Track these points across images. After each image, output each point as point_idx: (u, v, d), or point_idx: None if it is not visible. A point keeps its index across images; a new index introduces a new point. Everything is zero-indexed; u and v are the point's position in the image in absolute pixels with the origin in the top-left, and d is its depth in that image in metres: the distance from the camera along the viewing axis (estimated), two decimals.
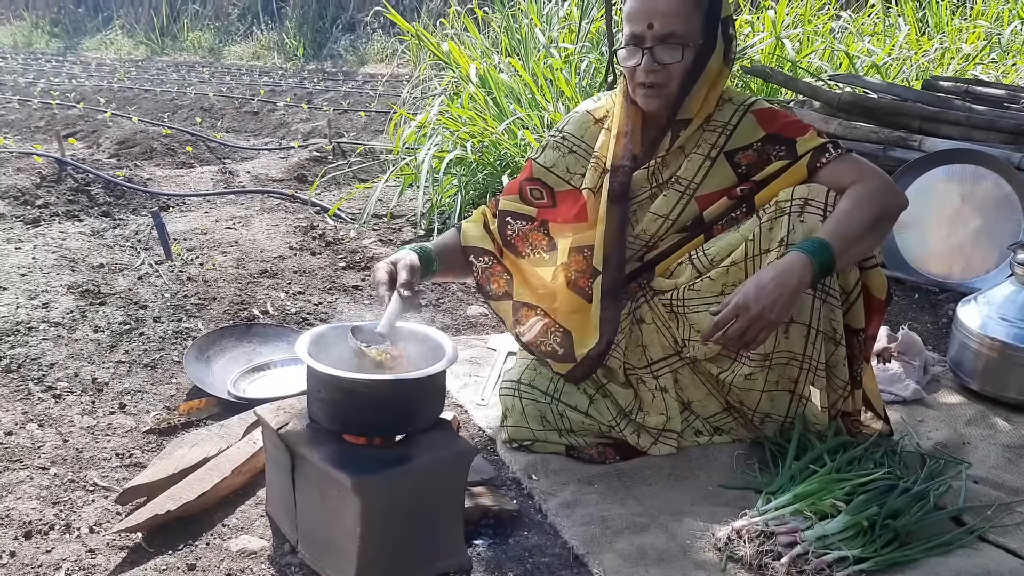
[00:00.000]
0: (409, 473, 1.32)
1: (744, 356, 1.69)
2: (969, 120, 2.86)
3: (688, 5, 1.65)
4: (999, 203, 2.64)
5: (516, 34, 4.42)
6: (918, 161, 2.77)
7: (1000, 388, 2.01)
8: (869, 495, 1.53)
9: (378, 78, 8.59)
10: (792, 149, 1.68)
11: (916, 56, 4.43)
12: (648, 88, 1.69)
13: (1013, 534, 1.53)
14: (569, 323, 1.76)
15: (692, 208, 1.74)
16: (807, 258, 1.52)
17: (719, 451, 1.77)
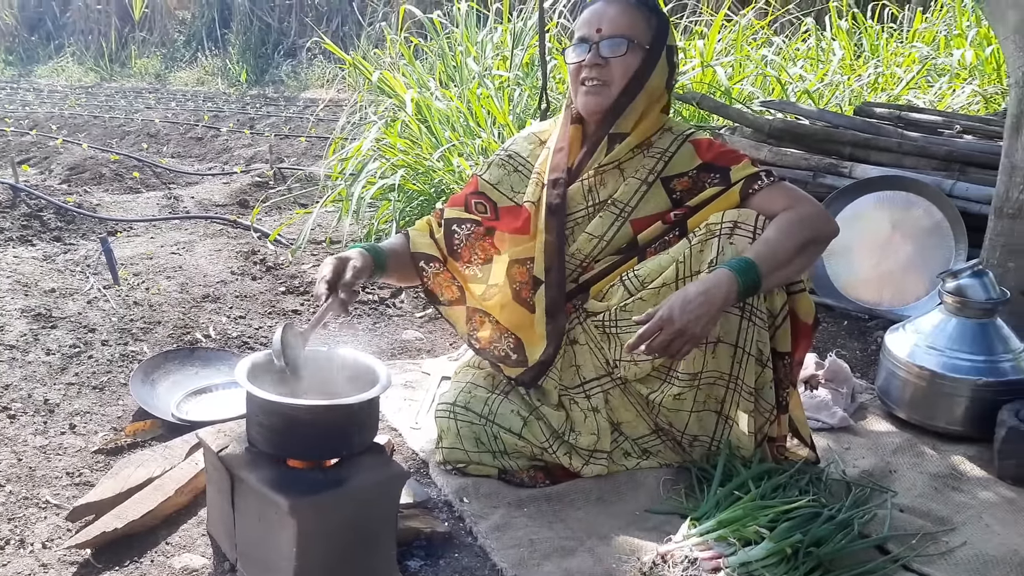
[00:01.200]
0: (344, 496, 1.43)
1: (673, 376, 1.80)
2: (901, 146, 3.03)
3: (638, 17, 1.82)
4: (930, 231, 2.81)
5: (451, 62, 4.64)
6: (849, 188, 2.92)
7: (928, 417, 2.12)
8: (793, 522, 1.60)
9: (319, 103, 9.09)
10: (726, 177, 1.81)
11: (849, 81, 4.67)
12: (590, 85, 1.83)
13: (937, 564, 1.61)
14: (517, 332, 1.89)
15: (627, 231, 1.86)
16: (733, 276, 1.63)
17: (646, 476, 1.86)
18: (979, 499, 1.84)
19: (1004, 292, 2.13)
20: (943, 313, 2.16)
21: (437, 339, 2.80)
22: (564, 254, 1.88)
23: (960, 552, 1.64)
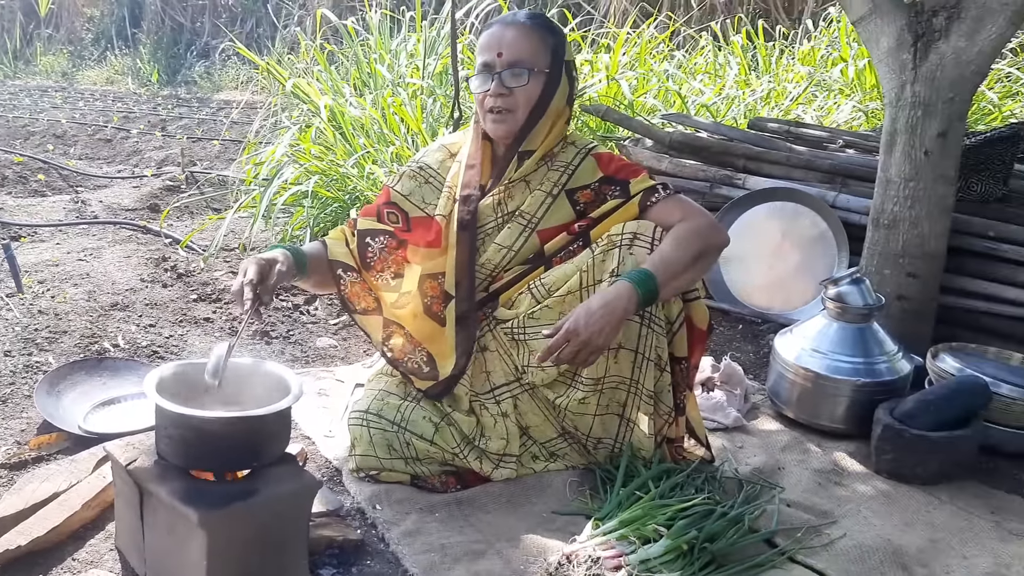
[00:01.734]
0: (254, 507, 1.41)
1: (578, 381, 1.85)
2: (790, 160, 3.15)
3: (535, 40, 1.85)
4: (816, 239, 2.92)
5: (366, 69, 4.60)
6: (742, 198, 3.02)
7: (813, 416, 2.22)
8: (689, 519, 1.66)
9: (233, 105, 8.80)
10: (626, 189, 1.88)
11: (744, 96, 4.82)
12: (496, 113, 1.86)
13: (820, 555, 1.69)
14: (428, 345, 1.90)
15: (534, 241, 1.90)
16: (633, 287, 1.69)
17: (553, 478, 1.89)
18: (858, 492, 1.93)
19: (880, 298, 2.24)
20: (825, 318, 2.25)
21: (351, 346, 2.78)
22: (474, 270, 1.91)
23: (840, 543, 1.72)
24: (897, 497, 1.91)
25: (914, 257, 2.48)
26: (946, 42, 2.32)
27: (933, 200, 2.43)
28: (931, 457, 1.94)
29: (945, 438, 1.94)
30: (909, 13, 2.39)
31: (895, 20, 2.41)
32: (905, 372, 2.18)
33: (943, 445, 1.94)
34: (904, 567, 1.66)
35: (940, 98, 2.36)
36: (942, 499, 1.91)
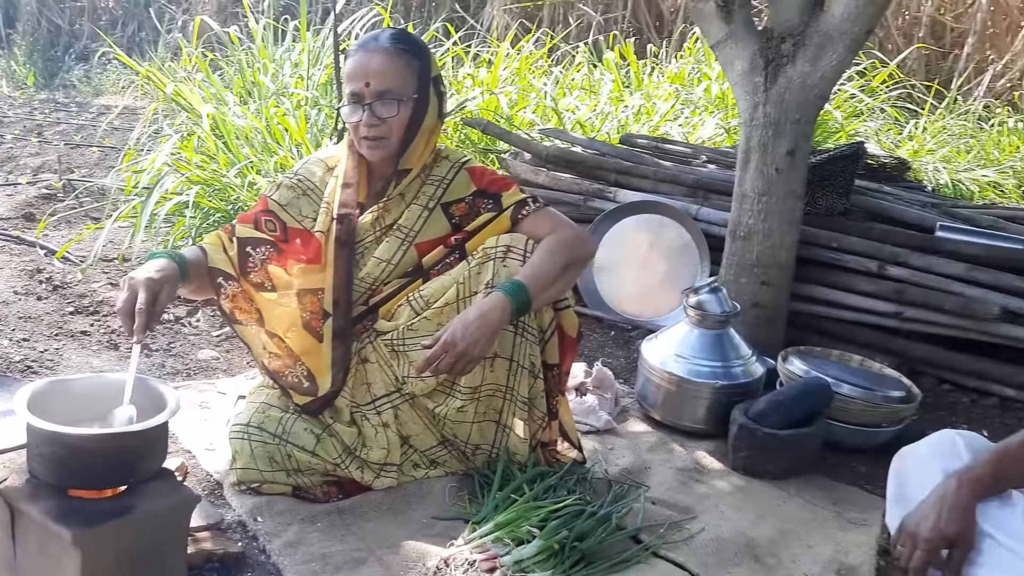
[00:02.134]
0: (130, 524, 1.38)
1: (456, 390, 1.86)
2: (657, 174, 3.25)
3: (400, 66, 1.85)
4: (680, 250, 3.03)
5: (249, 77, 4.49)
6: (613, 211, 3.10)
7: (677, 417, 2.30)
8: (561, 520, 1.70)
9: (114, 110, 8.27)
10: (498, 203, 1.91)
11: (616, 112, 4.95)
12: (371, 140, 1.87)
13: (681, 549, 1.75)
14: (306, 360, 1.87)
15: (412, 254, 1.91)
16: (507, 298, 1.73)
17: (433, 485, 1.90)
18: (717, 489, 2.02)
19: (735, 306, 2.34)
20: (687, 325, 2.34)
21: (234, 358, 2.71)
22: (352, 288, 1.91)
23: (700, 537, 1.80)
24: (751, 492, 2.01)
25: (767, 267, 2.61)
26: (793, 67, 2.45)
27: (783, 214, 2.57)
28: (781, 454, 2.05)
29: (792, 436, 2.05)
30: (761, 39, 2.52)
31: (749, 45, 2.53)
32: (759, 374, 2.29)
33: (791, 442, 2.05)
34: (756, 558, 1.75)
35: (788, 119, 2.49)
36: (791, 493, 2.01)
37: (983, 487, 1.53)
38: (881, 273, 2.68)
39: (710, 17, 2.57)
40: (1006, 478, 1.55)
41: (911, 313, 2.62)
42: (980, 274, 2.57)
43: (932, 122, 6.19)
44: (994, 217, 2.95)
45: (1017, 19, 7.59)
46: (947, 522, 1.48)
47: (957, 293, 2.56)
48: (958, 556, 1.48)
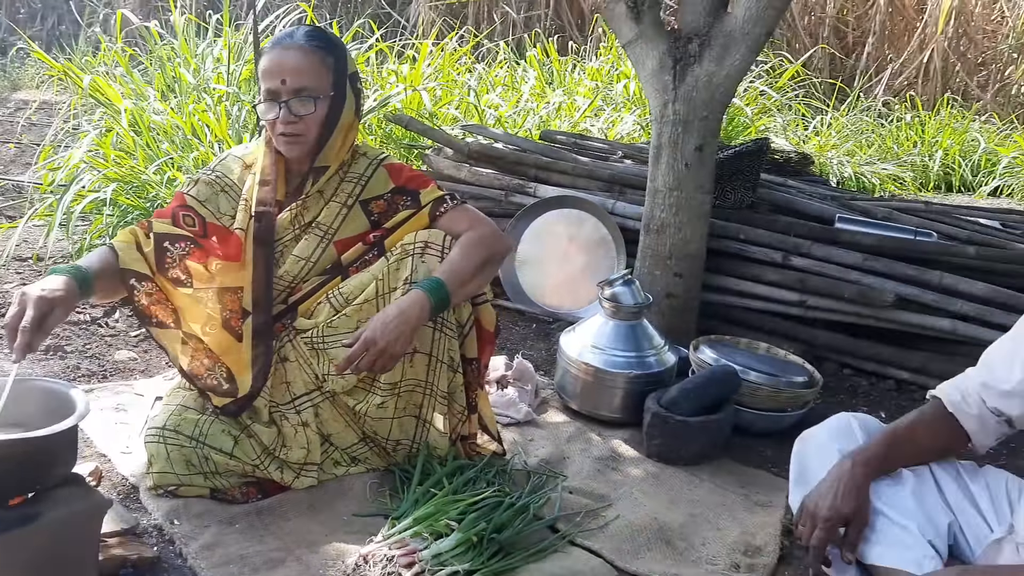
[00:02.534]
0: (35, 532, 1.34)
1: (376, 386, 1.84)
2: (575, 170, 3.26)
3: (316, 63, 1.82)
4: (598, 243, 3.05)
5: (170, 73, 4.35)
6: (533, 206, 3.10)
7: (594, 407, 2.31)
8: (479, 512, 1.69)
9: (32, 105, 7.86)
10: (416, 200, 1.90)
11: (538, 108, 4.95)
12: (288, 137, 1.83)
13: (596, 536, 1.76)
14: (226, 359, 1.81)
15: (331, 252, 1.88)
16: (426, 295, 1.72)
17: (354, 482, 1.87)
18: (631, 476, 2.03)
19: (648, 297, 2.36)
20: (603, 317, 2.35)
21: (152, 359, 2.61)
22: (272, 286, 1.86)
23: (614, 524, 1.81)
24: (664, 478, 2.03)
25: (679, 259, 2.64)
26: (700, 66, 2.48)
27: (693, 207, 2.60)
28: (692, 440, 2.08)
29: (702, 422, 2.08)
30: (669, 39, 2.54)
31: (658, 45, 2.54)
32: (671, 363, 2.31)
33: (701, 429, 2.08)
34: (667, 542, 1.76)
35: (696, 116, 2.52)
36: (702, 478, 2.04)
37: (875, 467, 1.58)
38: (785, 263, 2.74)
39: (621, 18, 2.58)
40: (896, 458, 1.60)
41: (814, 301, 2.68)
42: (875, 263, 2.65)
43: (836, 118, 6.38)
44: (889, 209, 3.04)
45: (913, 20, 7.87)
46: (843, 501, 1.52)
47: (855, 282, 2.63)
48: (853, 532, 1.53)
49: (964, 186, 5.81)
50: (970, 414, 1.63)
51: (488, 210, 3.22)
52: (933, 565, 1.48)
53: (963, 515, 1.59)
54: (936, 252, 2.69)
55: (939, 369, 2.50)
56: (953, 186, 5.82)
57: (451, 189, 3.29)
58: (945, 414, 1.65)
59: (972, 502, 1.60)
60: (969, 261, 2.67)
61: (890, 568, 1.49)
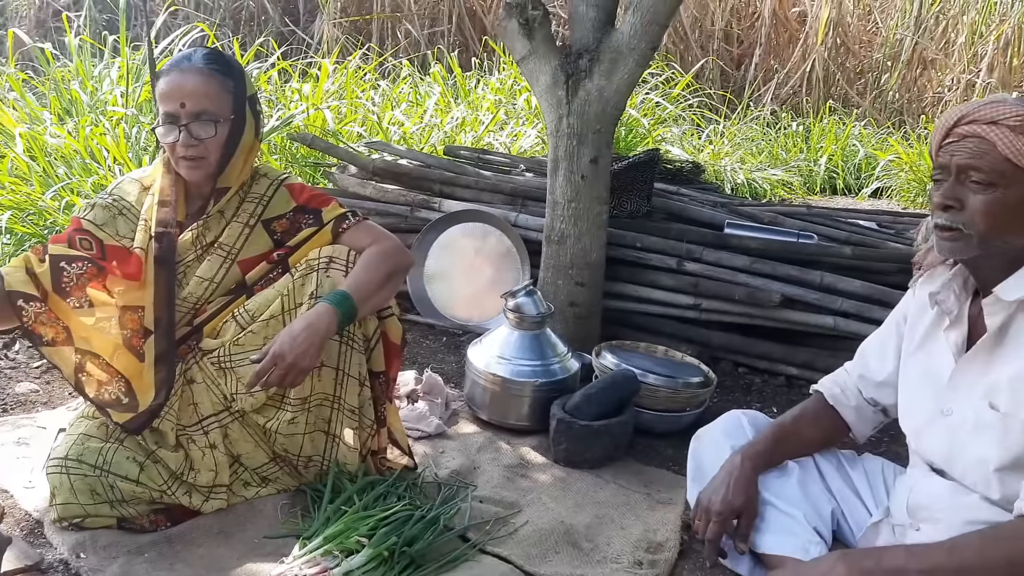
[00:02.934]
0: None
1: (286, 403, 1.83)
2: (478, 184, 3.29)
3: (215, 86, 1.81)
4: (503, 255, 3.08)
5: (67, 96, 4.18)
6: (439, 220, 3.11)
7: (503, 417, 2.33)
8: (390, 527, 1.69)
9: None
10: (319, 218, 1.90)
11: (442, 124, 4.97)
12: (189, 160, 1.81)
13: (506, 543, 1.78)
14: (129, 380, 1.77)
15: (235, 272, 1.87)
16: (332, 308, 1.72)
17: (265, 503, 1.84)
18: (539, 482, 2.06)
19: (550, 307, 2.40)
20: (508, 327, 2.38)
21: (55, 390, 2.51)
22: (174, 305, 1.83)
23: (523, 530, 1.83)
24: (571, 482, 2.06)
25: (580, 268, 2.70)
26: (590, 81, 2.54)
27: (591, 218, 2.66)
28: (596, 443, 2.12)
29: (605, 426, 2.12)
30: (561, 55, 2.59)
31: (550, 60, 2.60)
32: (575, 370, 2.36)
33: (604, 432, 2.13)
34: (574, 544, 1.80)
35: (590, 129, 2.58)
36: (607, 479, 2.09)
37: (763, 460, 1.65)
38: (680, 269, 2.83)
39: (514, 34, 2.62)
40: (782, 451, 1.69)
41: (707, 304, 2.77)
42: (762, 266, 2.76)
43: (728, 127, 6.61)
44: (774, 214, 3.18)
45: (795, 33, 8.24)
46: (733, 495, 1.59)
47: (744, 284, 2.73)
48: (744, 524, 1.60)
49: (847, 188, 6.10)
50: (849, 406, 1.73)
51: (394, 226, 3.22)
52: (818, 550, 1.56)
53: (845, 502, 1.68)
54: (817, 253, 2.83)
55: (824, 364, 2.62)
56: (838, 189, 6.10)
57: (357, 206, 3.29)
58: (826, 407, 1.75)
59: (852, 489, 1.70)
60: (847, 261, 2.81)
61: (779, 555, 1.57)
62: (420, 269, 3.11)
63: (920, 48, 7.85)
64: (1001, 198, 1.32)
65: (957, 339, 1.46)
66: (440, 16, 8.43)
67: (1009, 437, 1.34)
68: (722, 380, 2.71)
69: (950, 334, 1.47)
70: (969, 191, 1.34)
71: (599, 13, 2.55)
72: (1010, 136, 1.30)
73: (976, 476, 1.41)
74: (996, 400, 1.36)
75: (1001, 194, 1.32)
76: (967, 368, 1.43)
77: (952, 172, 1.36)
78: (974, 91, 7.51)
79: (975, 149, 1.32)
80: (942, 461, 1.48)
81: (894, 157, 6.09)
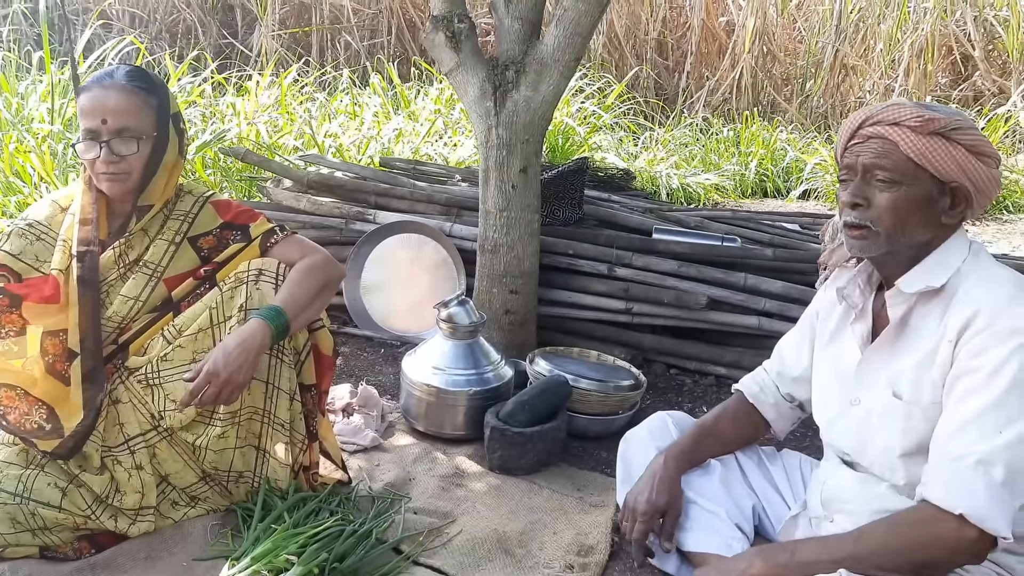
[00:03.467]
0: None
1: (216, 418, 1.78)
2: (413, 195, 3.27)
3: (138, 103, 1.77)
4: (439, 265, 3.06)
5: None
6: (374, 232, 3.08)
7: (439, 427, 2.30)
8: (320, 543, 1.66)
9: None
10: (247, 233, 1.87)
11: (379, 135, 4.92)
12: (110, 176, 1.76)
13: (439, 553, 1.76)
14: (56, 407, 1.70)
15: (161, 289, 1.82)
16: (266, 324, 1.70)
17: (194, 525, 1.79)
18: (474, 491, 2.05)
19: (483, 315, 2.38)
20: (442, 337, 2.36)
21: None
22: (100, 324, 1.77)
23: (457, 540, 1.81)
24: (505, 489, 2.05)
25: (514, 276, 2.69)
26: (517, 92, 2.54)
27: (523, 226, 2.66)
28: (529, 449, 2.11)
29: (538, 432, 2.12)
30: (488, 67, 2.59)
31: (478, 72, 2.59)
32: (509, 378, 2.35)
33: (537, 438, 2.12)
34: (507, 551, 1.79)
35: (518, 139, 2.58)
36: (540, 485, 2.08)
37: (686, 459, 1.67)
38: (611, 274, 2.84)
39: (441, 47, 2.61)
40: (704, 449, 1.70)
41: (638, 308, 2.79)
42: (689, 269, 2.79)
43: (663, 134, 6.69)
44: (700, 218, 3.22)
45: (724, 42, 8.39)
46: (658, 494, 1.60)
47: (672, 287, 2.76)
48: (669, 522, 1.61)
49: (778, 191, 6.21)
50: (768, 403, 1.75)
51: (330, 239, 3.18)
52: (741, 546, 1.57)
53: (765, 497, 1.70)
54: (741, 256, 2.87)
55: (750, 363, 2.65)
56: (768, 192, 6.22)
57: (291, 220, 3.24)
58: (746, 405, 1.77)
59: (772, 484, 1.72)
60: (769, 262, 2.86)
61: (703, 553, 1.58)
62: (356, 281, 3.07)
63: (841, 55, 8.06)
64: (905, 195, 1.37)
65: (863, 331, 1.50)
66: (380, 28, 8.38)
67: (911, 423, 1.38)
68: (654, 382, 2.73)
69: (856, 327, 1.51)
70: (875, 189, 1.39)
71: (524, 26, 2.55)
72: (911, 136, 1.35)
73: (883, 463, 1.44)
74: (899, 388, 1.40)
75: (905, 191, 1.37)
76: (872, 358, 1.47)
77: (859, 171, 1.40)
78: (893, 95, 7.74)
79: (880, 149, 1.37)
80: (852, 451, 1.51)
81: (820, 160, 6.23)
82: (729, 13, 8.34)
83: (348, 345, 2.99)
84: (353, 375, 2.75)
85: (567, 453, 2.25)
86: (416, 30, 8.44)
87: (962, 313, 1.33)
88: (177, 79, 4.91)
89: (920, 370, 1.37)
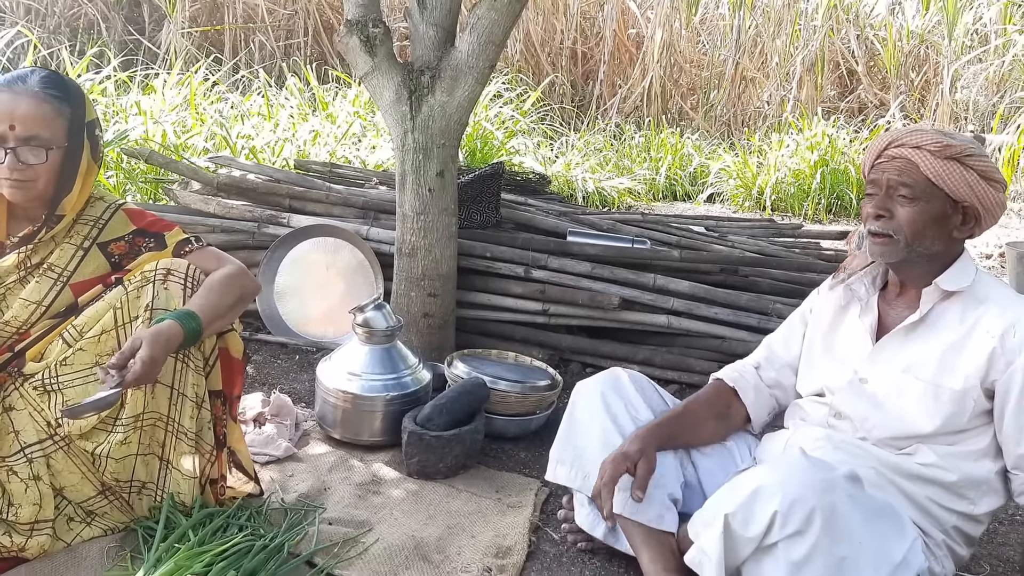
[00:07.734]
0: None
1: (117, 424, 1.66)
2: (329, 198, 3.15)
3: (49, 112, 1.65)
4: (356, 269, 2.95)
5: None
6: (288, 236, 2.95)
7: (356, 433, 2.20)
8: (228, 561, 1.56)
9: None
10: (161, 241, 1.79)
11: (294, 137, 4.76)
12: (14, 182, 1.64)
13: (355, 564, 1.68)
14: None
15: (67, 295, 1.71)
16: (178, 325, 1.60)
17: (89, 547, 1.66)
18: (392, 497, 1.96)
19: (399, 320, 2.31)
20: (358, 342, 2.27)
21: None
22: None
23: (373, 549, 1.73)
24: (424, 494, 1.98)
25: (432, 279, 2.62)
26: (433, 97, 2.47)
27: (441, 230, 2.59)
28: (448, 453, 2.04)
29: (456, 435, 2.05)
30: (404, 71, 2.51)
31: (393, 77, 2.51)
32: (426, 381, 2.27)
33: (456, 441, 2.05)
34: (424, 557, 1.72)
35: (435, 144, 2.51)
36: (459, 488, 2.02)
37: (660, 433, 1.67)
38: (528, 276, 2.80)
39: (356, 51, 2.52)
40: (679, 430, 1.72)
41: (555, 309, 2.76)
42: (602, 271, 2.78)
43: (578, 140, 6.72)
44: (612, 221, 3.22)
45: (634, 52, 8.51)
46: (629, 444, 1.61)
47: (587, 288, 2.74)
48: (642, 469, 1.59)
49: (686, 195, 6.32)
50: (748, 385, 1.80)
51: (241, 243, 3.03)
52: (671, 518, 1.62)
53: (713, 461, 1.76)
54: (650, 257, 2.88)
55: (662, 359, 2.68)
56: (678, 195, 6.32)
57: (200, 223, 3.08)
58: (725, 389, 1.80)
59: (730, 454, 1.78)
60: (677, 263, 2.88)
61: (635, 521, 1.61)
62: (270, 287, 2.94)
63: (741, 68, 8.28)
64: (923, 210, 1.52)
65: (871, 322, 1.64)
66: (296, 29, 8.14)
67: (938, 404, 1.51)
68: (572, 381, 2.67)
69: (865, 319, 1.65)
70: (898, 204, 1.54)
71: (439, 32, 2.48)
72: (931, 159, 1.50)
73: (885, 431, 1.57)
74: (919, 371, 1.54)
75: (923, 207, 1.52)
76: (887, 344, 1.60)
77: (883, 187, 1.55)
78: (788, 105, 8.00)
79: (902, 168, 1.53)
80: (856, 418, 1.61)
81: (724, 165, 6.36)
82: (639, 25, 8.46)
83: (261, 353, 2.85)
84: (266, 384, 2.62)
85: (485, 455, 2.20)
86: (333, 32, 8.24)
87: (1005, 315, 1.50)
88: (76, 76, 4.61)
89: (949, 356, 1.52)
